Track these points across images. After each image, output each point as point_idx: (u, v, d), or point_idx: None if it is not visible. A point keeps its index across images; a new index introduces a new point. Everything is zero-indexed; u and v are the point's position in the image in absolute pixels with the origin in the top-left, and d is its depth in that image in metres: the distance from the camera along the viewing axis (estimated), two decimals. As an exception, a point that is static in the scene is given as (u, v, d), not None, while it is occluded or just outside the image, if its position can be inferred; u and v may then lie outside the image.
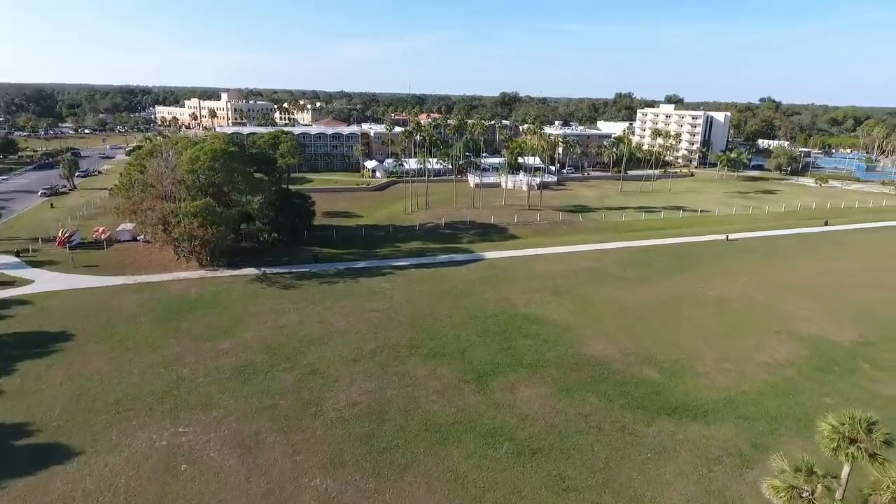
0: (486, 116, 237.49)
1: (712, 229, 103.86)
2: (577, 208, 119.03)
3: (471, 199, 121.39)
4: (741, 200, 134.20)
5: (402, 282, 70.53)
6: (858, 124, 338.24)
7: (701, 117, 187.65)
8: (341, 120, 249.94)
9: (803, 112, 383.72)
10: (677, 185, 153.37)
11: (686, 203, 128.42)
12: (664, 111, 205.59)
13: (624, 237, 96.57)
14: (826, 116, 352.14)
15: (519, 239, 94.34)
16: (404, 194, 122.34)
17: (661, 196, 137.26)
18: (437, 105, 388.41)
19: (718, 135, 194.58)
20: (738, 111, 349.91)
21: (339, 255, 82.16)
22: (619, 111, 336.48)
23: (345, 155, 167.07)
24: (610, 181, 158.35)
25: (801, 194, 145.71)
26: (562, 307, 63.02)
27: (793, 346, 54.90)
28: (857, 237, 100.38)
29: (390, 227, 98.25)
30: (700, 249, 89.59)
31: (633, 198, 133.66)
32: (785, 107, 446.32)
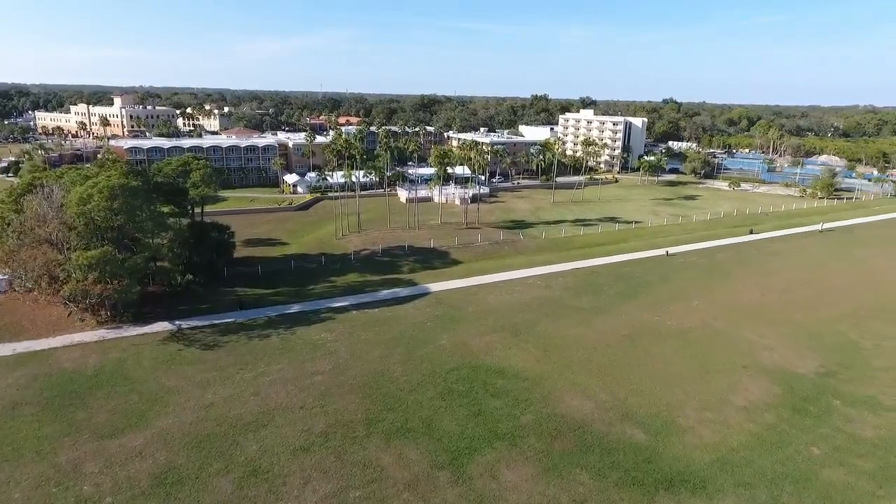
0: (409, 122, 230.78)
1: (649, 243, 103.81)
2: (514, 224, 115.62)
3: (404, 216, 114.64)
4: (668, 208, 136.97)
5: (344, 330, 62.74)
6: (752, 124, 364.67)
7: (621, 123, 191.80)
8: (253, 127, 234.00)
9: (702, 112, 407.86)
10: (605, 193, 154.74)
11: (618, 213, 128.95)
12: (585, 117, 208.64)
13: (567, 257, 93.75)
14: (723, 117, 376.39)
15: (462, 264, 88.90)
16: (332, 213, 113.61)
17: (593, 206, 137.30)
18: (355, 107, 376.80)
19: (637, 140, 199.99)
20: (646, 112, 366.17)
21: (268, 296, 72.79)
22: (537, 114, 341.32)
23: (262, 169, 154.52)
24: (540, 191, 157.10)
25: (720, 199, 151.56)
26: (525, 352, 58.08)
27: (764, 384, 53.15)
28: (783, 247, 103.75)
29: (322, 256, 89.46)
30: (644, 268, 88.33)
31: (567, 209, 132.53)
32: (685, 107, 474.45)
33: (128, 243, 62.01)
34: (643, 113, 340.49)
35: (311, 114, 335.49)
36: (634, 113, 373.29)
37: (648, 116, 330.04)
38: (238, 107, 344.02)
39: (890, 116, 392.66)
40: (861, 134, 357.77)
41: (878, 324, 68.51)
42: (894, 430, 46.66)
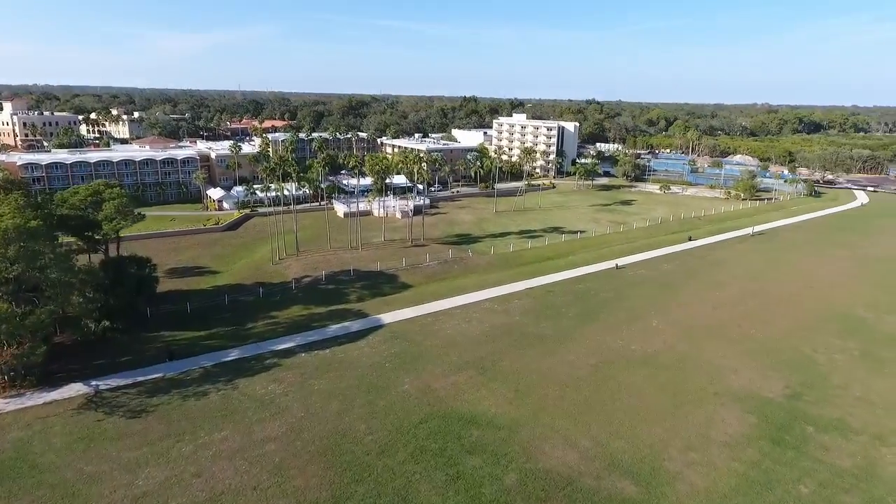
0: (340, 128, 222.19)
1: (597, 254, 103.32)
2: (461, 238, 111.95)
3: (345, 234, 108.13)
4: (607, 215, 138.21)
5: (294, 379, 56.33)
6: (669, 124, 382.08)
7: (555, 129, 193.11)
8: (169, 135, 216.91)
9: (623, 113, 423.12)
10: (545, 200, 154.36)
11: (561, 222, 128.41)
12: (519, 122, 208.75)
13: (519, 274, 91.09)
14: (643, 118, 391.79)
15: (412, 288, 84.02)
16: (266, 233, 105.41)
17: (536, 215, 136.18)
18: (279, 110, 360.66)
19: (570, 144, 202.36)
20: (571, 114, 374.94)
21: (201, 340, 64.81)
22: (467, 115, 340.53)
23: (182, 184, 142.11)
24: (481, 199, 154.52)
25: (654, 203, 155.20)
26: (495, 393, 54.23)
27: (738, 414, 52.17)
28: (723, 254, 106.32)
29: (259, 286, 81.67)
30: (598, 284, 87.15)
31: (511, 219, 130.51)
32: (606, 107, 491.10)
33: (28, 295, 52.50)
34: (570, 115, 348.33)
35: (232, 117, 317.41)
36: (561, 115, 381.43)
37: (574, 118, 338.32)
38: (149, 110, 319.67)
39: (789, 115, 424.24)
40: (766, 133, 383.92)
41: (825, 336, 70.20)
42: (868, 457, 46.69)
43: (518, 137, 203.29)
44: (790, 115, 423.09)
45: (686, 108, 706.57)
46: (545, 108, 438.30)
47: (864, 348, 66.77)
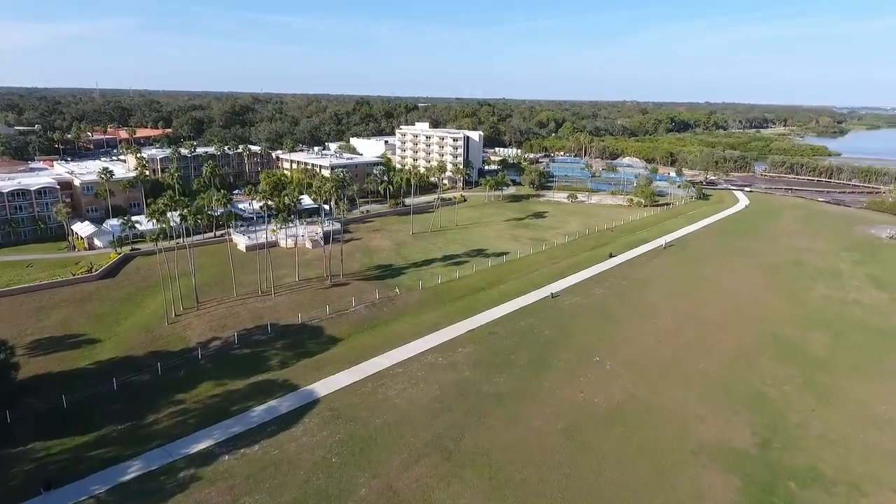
0: (227, 140, 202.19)
1: (528, 281, 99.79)
2: (383, 271, 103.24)
3: (251, 274, 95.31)
4: (525, 231, 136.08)
5: (222, 500, 45.35)
6: (559, 125, 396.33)
7: (461, 139, 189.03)
8: (16, 156, 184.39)
9: (514, 114, 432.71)
10: (460, 216, 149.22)
11: (482, 242, 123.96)
12: (423, 131, 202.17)
13: (455, 313, 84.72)
14: (534, 119, 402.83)
15: (343, 342, 74.51)
16: (153, 278, 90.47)
17: (454, 235, 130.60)
18: (150, 116, 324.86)
19: (475, 153, 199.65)
20: (466, 117, 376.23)
21: (88, 451, 51.22)
22: (362, 120, 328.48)
23: (38, 219, 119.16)
24: (394, 219, 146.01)
25: (565, 214, 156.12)
26: (470, 488, 47.24)
27: (721, 476, 49.63)
28: (645, 273, 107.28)
29: (155, 359, 67.81)
30: (538, 319, 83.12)
31: (430, 242, 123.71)
32: (495, 106, 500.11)
33: None
34: (464, 118, 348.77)
35: (94, 126, 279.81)
36: (456, 118, 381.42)
37: (469, 121, 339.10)
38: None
39: (662, 116, 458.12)
40: (644, 132, 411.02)
41: (766, 363, 71.13)
42: (854, 512, 45.76)
43: (423, 148, 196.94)
44: (663, 116, 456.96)
45: (565, 106, 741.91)
46: (439, 109, 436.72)
47: (805, 375, 68.13)
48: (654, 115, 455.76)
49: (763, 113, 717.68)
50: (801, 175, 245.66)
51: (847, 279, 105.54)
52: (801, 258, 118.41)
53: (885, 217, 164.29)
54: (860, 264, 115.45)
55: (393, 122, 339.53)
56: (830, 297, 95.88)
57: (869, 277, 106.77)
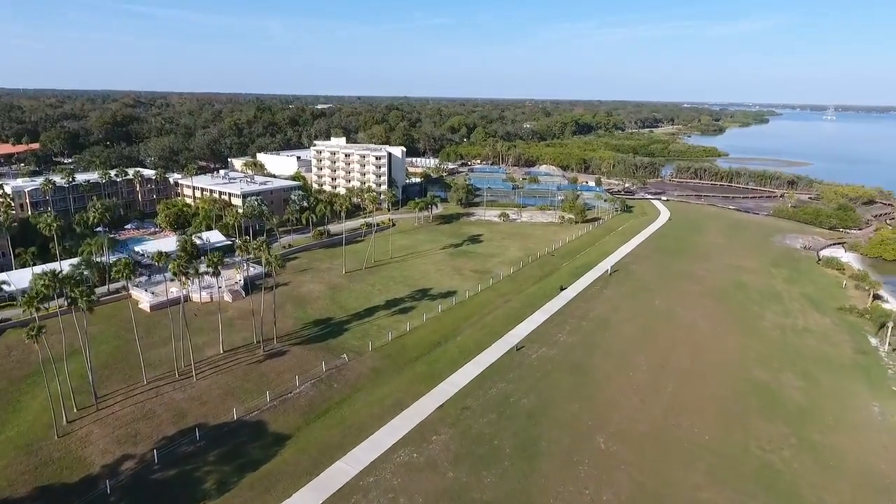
0: (111, 159, 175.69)
1: (486, 330, 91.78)
2: (322, 328, 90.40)
3: (163, 347, 79.39)
4: (466, 261, 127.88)
5: None
6: (470, 130, 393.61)
7: (384, 156, 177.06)
8: None
9: (424, 119, 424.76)
10: (393, 245, 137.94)
11: (425, 280, 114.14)
12: (341, 148, 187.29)
13: (416, 381, 74.71)
14: (446, 125, 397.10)
15: (293, 440, 61.98)
16: (31, 363, 73.00)
17: (392, 271, 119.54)
18: (12, 128, 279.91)
19: (398, 170, 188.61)
20: (376, 123, 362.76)
21: None
22: (265, 129, 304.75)
23: None
24: (320, 254, 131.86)
25: (501, 237, 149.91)
26: None
27: None
28: (601, 309, 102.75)
29: (44, 502, 51.58)
30: (512, 384, 75.11)
31: (367, 283, 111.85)
32: (404, 109, 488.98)
33: None
34: (377, 127, 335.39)
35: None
36: (366, 124, 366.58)
37: (380, 129, 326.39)
38: None
39: (566, 118, 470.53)
40: (552, 136, 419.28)
41: (755, 421, 67.90)
42: None
43: (342, 166, 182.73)
44: (568, 119, 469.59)
45: (469, 107, 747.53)
46: (346, 114, 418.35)
47: (797, 434, 65.49)
48: (560, 119, 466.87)
49: (652, 112, 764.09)
50: (704, 180, 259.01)
51: (788, 302, 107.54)
52: (739, 278, 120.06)
53: (791, 225, 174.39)
54: (792, 283, 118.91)
55: (300, 131, 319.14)
56: (782, 325, 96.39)
57: (805, 298, 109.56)
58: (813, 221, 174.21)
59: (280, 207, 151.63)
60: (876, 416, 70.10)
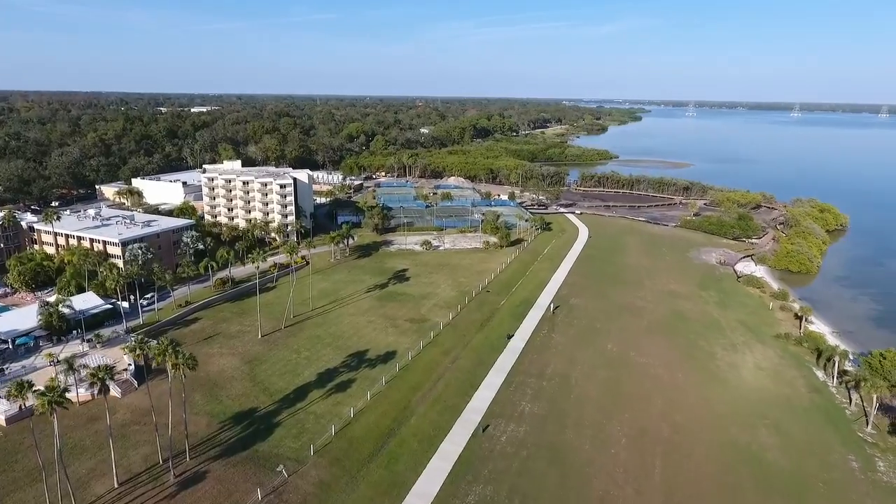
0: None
1: (442, 405, 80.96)
2: (245, 426, 74.18)
3: (31, 487, 59.51)
4: (398, 308, 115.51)
5: None
6: (369, 138, 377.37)
7: (289, 184, 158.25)
8: None
9: (319, 127, 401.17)
10: (314, 290, 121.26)
11: (358, 339, 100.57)
12: (239, 174, 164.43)
13: (376, 498, 61.91)
14: (343, 133, 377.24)
15: None
16: None
17: (318, 329, 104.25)
18: None
19: (305, 197, 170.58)
20: (265, 132, 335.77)
21: None
22: (137, 143, 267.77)
23: None
24: (227, 309, 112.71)
25: (428, 271, 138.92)
26: None
27: None
28: (556, 363, 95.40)
29: None
30: (491, 488, 64.98)
31: (291, 349, 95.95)
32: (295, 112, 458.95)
33: None
34: (267, 137, 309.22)
35: None
36: (255, 134, 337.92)
37: (271, 139, 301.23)
38: None
39: (464, 123, 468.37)
40: (451, 141, 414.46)
41: (755, 499, 63.06)
42: None
43: (240, 195, 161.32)
44: (465, 122, 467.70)
45: (358, 107, 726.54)
46: (229, 121, 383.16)
47: (799, 513, 61.37)
48: (458, 124, 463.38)
49: (540, 113, 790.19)
50: (607, 187, 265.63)
51: (729, 332, 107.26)
52: (676, 307, 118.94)
53: (700, 237, 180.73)
54: (724, 307, 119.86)
55: (180, 145, 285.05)
56: (734, 363, 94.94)
57: (743, 326, 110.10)
58: (718, 232, 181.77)
59: (170, 252, 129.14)
60: (857, 474, 68.45)
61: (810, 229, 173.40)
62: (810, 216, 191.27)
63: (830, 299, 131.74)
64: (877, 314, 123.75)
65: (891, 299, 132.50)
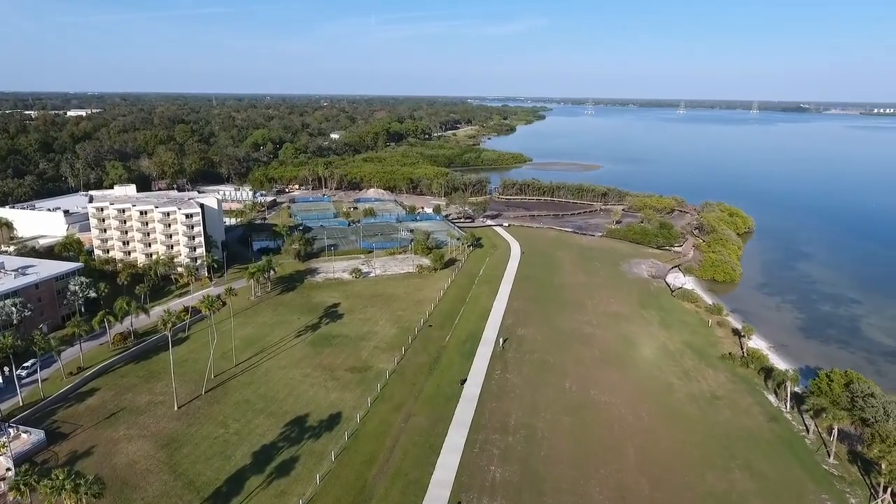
0: None
1: (404, 481, 71.64)
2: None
3: None
4: (336, 355, 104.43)
5: None
6: (277, 146, 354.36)
7: (197, 213, 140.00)
8: None
9: (220, 135, 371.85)
10: (236, 339, 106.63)
11: (295, 401, 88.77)
12: (136, 203, 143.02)
13: None
14: (248, 142, 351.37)
15: None
16: None
17: (246, 392, 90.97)
18: None
19: (215, 224, 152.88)
20: (159, 143, 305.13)
21: None
22: (4, 163, 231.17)
23: None
24: (132, 373, 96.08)
25: (361, 305, 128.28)
26: None
27: None
28: (515, 409, 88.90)
29: None
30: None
31: (217, 423, 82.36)
32: (187, 114, 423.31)
33: None
34: (162, 148, 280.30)
35: None
36: (147, 143, 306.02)
37: (167, 151, 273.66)
38: None
39: (378, 128, 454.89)
40: (366, 147, 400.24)
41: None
42: None
43: (138, 227, 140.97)
44: (378, 128, 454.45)
45: (259, 108, 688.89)
46: (115, 129, 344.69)
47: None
48: (371, 129, 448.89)
49: (450, 114, 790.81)
50: (528, 195, 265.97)
51: (679, 357, 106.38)
52: (623, 332, 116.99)
53: (627, 247, 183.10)
54: (667, 327, 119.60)
55: (58, 160, 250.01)
56: (692, 394, 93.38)
57: (690, 349, 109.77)
58: (643, 241, 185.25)
59: (54, 305, 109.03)
60: (836, 516, 67.58)
61: (727, 236, 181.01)
62: (723, 221, 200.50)
63: (758, 310, 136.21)
64: (803, 323, 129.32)
65: (808, 305, 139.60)
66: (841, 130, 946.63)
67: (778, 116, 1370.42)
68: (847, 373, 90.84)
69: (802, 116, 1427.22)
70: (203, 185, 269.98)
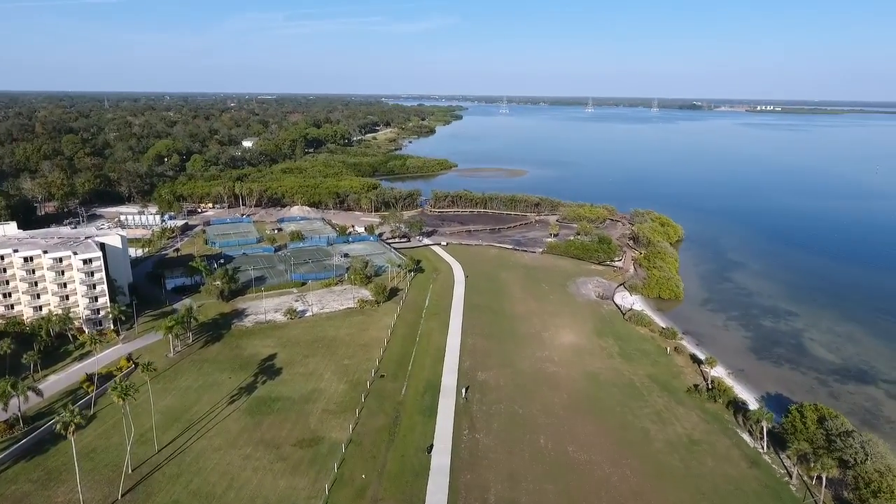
0: None
1: None
2: None
3: None
4: (278, 425, 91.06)
5: None
6: (184, 158, 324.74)
7: (97, 257, 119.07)
8: None
9: (117, 145, 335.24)
10: (156, 415, 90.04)
11: (237, 498, 74.68)
12: (19, 250, 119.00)
13: None
14: (151, 153, 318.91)
15: None
16: None
17: (175, 490, 76.07)
18: None
19: (120, 265, 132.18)
20: (44, 159, 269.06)
21: None
22: None
23: None
24: (22, 476, 77.74)
25: (304, 354, 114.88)
26: None
27: None
28: (493, 479, 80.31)
29: None
30: None
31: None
32: (79, 124, 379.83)
33: None
34: (46, 164, 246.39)
35: None
36: (28, 160, 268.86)
37: (56, 173, 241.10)
38: None
39: (294, 134, 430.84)
40: (282, 156, 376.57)
41: None
42: None
43: (22, 275, 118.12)
44: (295, 134, 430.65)
45: (159, 109, 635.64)
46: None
47: None
48: (288, 136, 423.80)
49: (367, 115, 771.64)
50: (461, 207, 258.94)
51: (647, 395, 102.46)
52: (586, 368, 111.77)
53: (569, 264, 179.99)
54: (629, 359, 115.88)
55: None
56: (669, 441, 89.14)
57: (657, 385, 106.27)
58: (584, 257, 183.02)
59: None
60: (842, 583, 64.44)
61: (664, 249, 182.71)
62: (656, 231, 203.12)
63: (708, 330, 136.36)
64: (752, 343, 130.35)
65: (752, 322, 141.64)
66: (735, 128, 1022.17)
67: (677, 114, 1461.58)
68: (818, 407, 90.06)
69: (697, 114, 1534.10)
70: (99, 206, 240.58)
